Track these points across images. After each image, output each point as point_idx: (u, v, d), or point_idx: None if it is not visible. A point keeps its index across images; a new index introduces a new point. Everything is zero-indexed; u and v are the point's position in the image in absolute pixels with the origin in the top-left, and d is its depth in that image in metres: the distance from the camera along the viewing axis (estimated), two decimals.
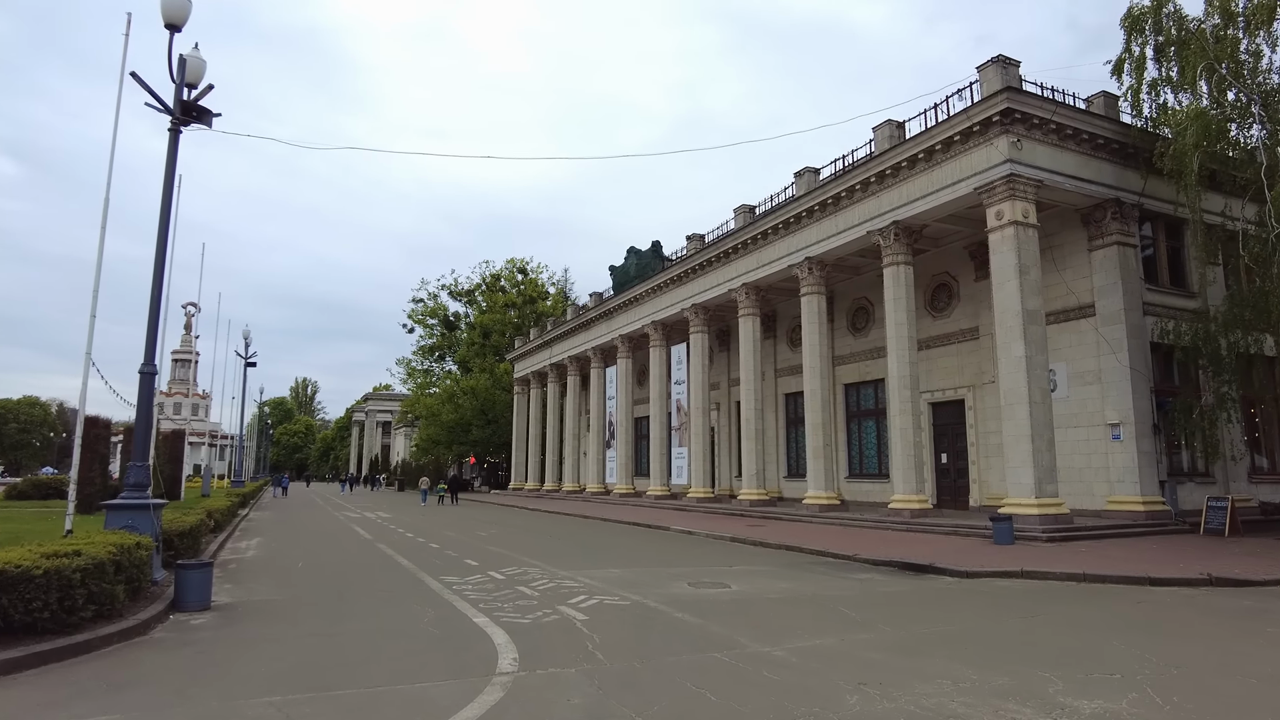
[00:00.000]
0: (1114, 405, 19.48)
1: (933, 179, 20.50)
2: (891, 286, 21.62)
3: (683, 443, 33.00)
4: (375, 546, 17.68)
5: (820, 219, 24.41)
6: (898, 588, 11.50)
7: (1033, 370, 17.81)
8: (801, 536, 18.47)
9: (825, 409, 24.46)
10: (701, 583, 11.69)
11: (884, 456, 27.24)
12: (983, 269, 23.55)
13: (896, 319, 21.39)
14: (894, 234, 21.59)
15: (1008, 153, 18.36)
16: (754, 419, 27.71)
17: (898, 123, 22.20)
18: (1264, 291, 16.37)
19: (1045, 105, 18.54)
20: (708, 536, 19.98)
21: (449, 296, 72.37)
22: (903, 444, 20.90)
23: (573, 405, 45.91)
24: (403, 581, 11.88)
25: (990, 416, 22.98)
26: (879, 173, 21.81)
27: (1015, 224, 18.29)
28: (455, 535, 20.71)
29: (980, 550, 15.39)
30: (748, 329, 28.33)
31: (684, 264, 31.95)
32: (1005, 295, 18.34)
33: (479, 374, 62.83)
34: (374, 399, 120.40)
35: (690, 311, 31.79)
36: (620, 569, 13.35)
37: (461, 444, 65.97)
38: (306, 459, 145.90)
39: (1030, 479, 17.39)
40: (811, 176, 25.36)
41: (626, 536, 20.67)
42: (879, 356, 27.37)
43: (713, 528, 21.53)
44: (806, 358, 24.92)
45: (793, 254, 25.67)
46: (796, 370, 31.31)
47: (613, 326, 39.42)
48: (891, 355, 21.49)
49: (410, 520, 27.75)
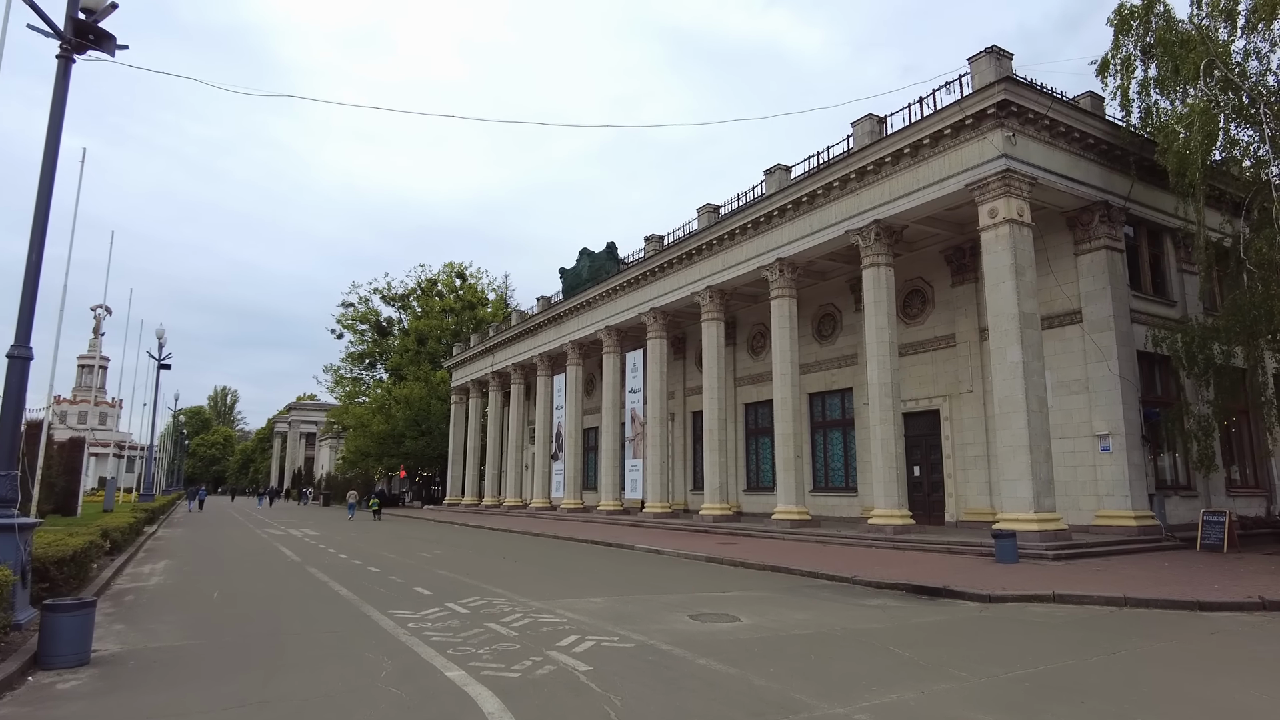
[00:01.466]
0: (1102, 415, 18.64)
1: (918, 175, 19.42)
2: (872, 289, 20.43)
3: (637, 454, 31.26)
4: (306, 571, 15.35)
5: (793, 218, 23.14)
6: (930, 617, 10.00)
7: (1030, 377, 16.76)
8: (783, 555, 16.94)
9: (796, 418, 23.10)
10: (704, 614, 9.96)
11: (851, 469, 26.09)
12: (960, 274, 22.71)
13: (878, 323, 20.19)
14: (875, 233, 20.43)
15: (1002, 147, 17.37)
16: (717, 429, 26.20)
17: (878, 118, 21.13)
18: (1268, 296, 15.67)
19: (1041, 100, 17.66)
20: (679, 556, 18.26)
21: (382, 301, 69.14)
22: (884, 456, 19.63)
23: (516, 415, 43.66)
24: (346, 618, 9.78)
25: (968, 428, 22.01)
26: (859, 169, 20.65)
27: (1011, 222, 17.28)
28: (396, 557, 18.45)
29: (986, 570, 14.11)
30: (711, 334, 26.85)
31: (642, 266, 30.34)
32: (1000, 297, 17.29)
33: (413, 382, 59.76)
34: (298, 408, 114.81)
35: (648, 316, 30.16)
36: (600, 598, 11.50)
37: (393, 456, 62.68)
38: (224, 471, 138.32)
39: (1028, 492, 16.28)
40: (783, 174, 24.12)
41: (589, 557, 18.78)
42: (846, 365, 26.30)
43: (681, 546, 19.82)
44: (777, 364, 23.54)
45: (762, 255, 24.33)
46: (758, 379, 30.07)
47: (562, 332, 37.47)
48: (871, 361, 20.27)
49: (342, 539, 25.19)
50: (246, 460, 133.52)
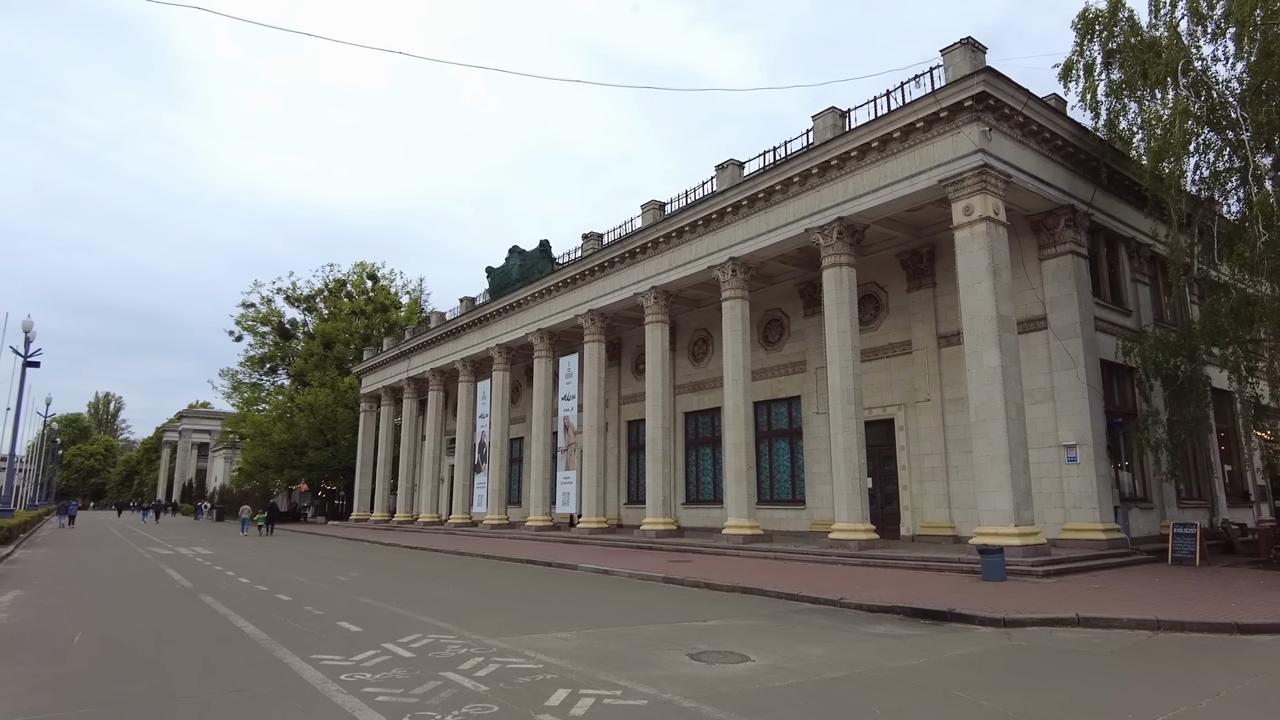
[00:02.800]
0: (1069, 425, 18.03)
1: (886, 171, 18.47)
2: (834, 289, 19.33)
3: (570, 466, 29.34)
4: (199, 601, 12.83)
5: (748, 216, 21.90)
6: (961, 648, 8.63)
7: (1008, 382, 15.90)
8: (748, 575, 15.45)
9: (748, 427, 21.77)
10: (704, 653, 8.29)
11: (799, 481, 24.98)
12: (916, 279, 21.96)
13: (839, 326, 19.09)
14: (838, 232, 19.36)
15: (979, 142, 16.56)
16: (660, 439, 24.62)
17: (840, 111, 20.17)
18: (1245, 302, 15.29)
19: (1018, 95, 16.96)
20: (632, 577, 16.52)
21: (286, 302, 64.54)
22: (846, 466, 18.48)
23: (434, 424, 40.94)
24: (257, 668, 7.61)
25: (925, 438, 21.19)
26: (822, 164, 19.58)
27: (987, 220, 16.46)
28: (308, 581, 16.01)
29: (977, 589, 13.00)
30: (655, 337, 25.31)
31: (579, 265, 28.56)
32: (976, 299, 16.40)
33: (319, 388, 55.70)
34: (190, 416, 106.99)
35: (586, 318, 28.38)
36: (568, 632, 9.67)
37: (295, 468, 58.35)
38: (105, 484, 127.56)
39: (1008, 504, 15.35)
40: (736, 170, 22.89)
41: (533, 580, 16.81)
42: (794, 371, 25.26)
43: (629, 565, 18.09)
44: (729, 369, 22.19)
45: (714, 254, 22.99)
46: (699, 387, 28.75)
47: (488, 335, 35.20)
48: (833, 366, 19.13)
49: (240, 559, 22.27)
50: (131, 472, 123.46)
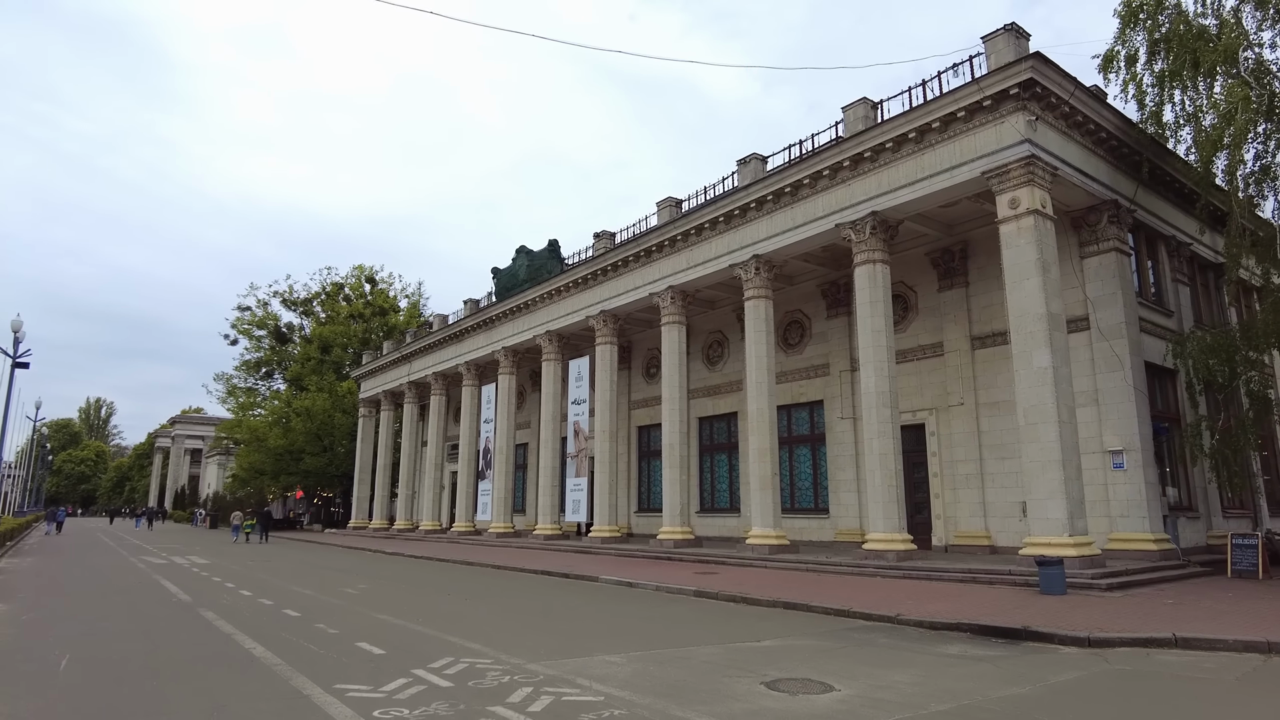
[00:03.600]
0: (1115, 430, 17.15)
1: (923, 164, 17.62)
2: (867, 287, 18.45)
3: (580, 472, 28.35)
4: (199, 617, 11.82)
5: (773, 212, 21.02)
6: (1063, 674, 7.70)
7: (1059, 384, 15.02)
8: (787, 588, 14.50)
9: (773, 432, 20.84)
10: (779, 681, 7.35)
11: (822, 488, 24.06)
12: (948, 278, 21.11)
13: (874, 325, 18.20)
14: (870, 227, 18.49)
15: (1025, 132, 15.72)
16: (678, 444, 23.66)
17: (872, 102, 19.35)
18: None
19: (1065, 84, 16.14)
20: (659, 590, 15.55)
21: (282, 305, 63.35)
22: (882, 473, 17.56)
23: (436, 430, 39.88)
24: (276, 703, 6.63)
25: (958, 443, 20.28)
26: (854, 156, 18.72)
27: (1035, 213, 15.60)
28: (315, 594, 15.00)
29: (1040, 603, 12.07)
30: (672, 338, 24.37)
31: (591, 265, 27.65)
32: (1024, 296, 15.53)
33: (316, 393, 54.52)
34: (183, 422, 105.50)
35: (598, 319, 27.44)
36: (617, 655, 8.71)
37: (291, 474, 57.15)
38: (95, 490, 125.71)
39: (1061, 513, 14.44)
40: (759, 164, 22.02)
41: (554, 593, 15.83)
42: (817, 375, 24.37)
43: (654, 577, 17.12)
44: (752, 372, 21.26)
45: (735, 251, 22.09)
46: (714, 391, 27.84)
47: (494, 337, 34.22)
48: (866, 368, 18.23)
49: (238, 569, 21.21)
50: (122, 478, 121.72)
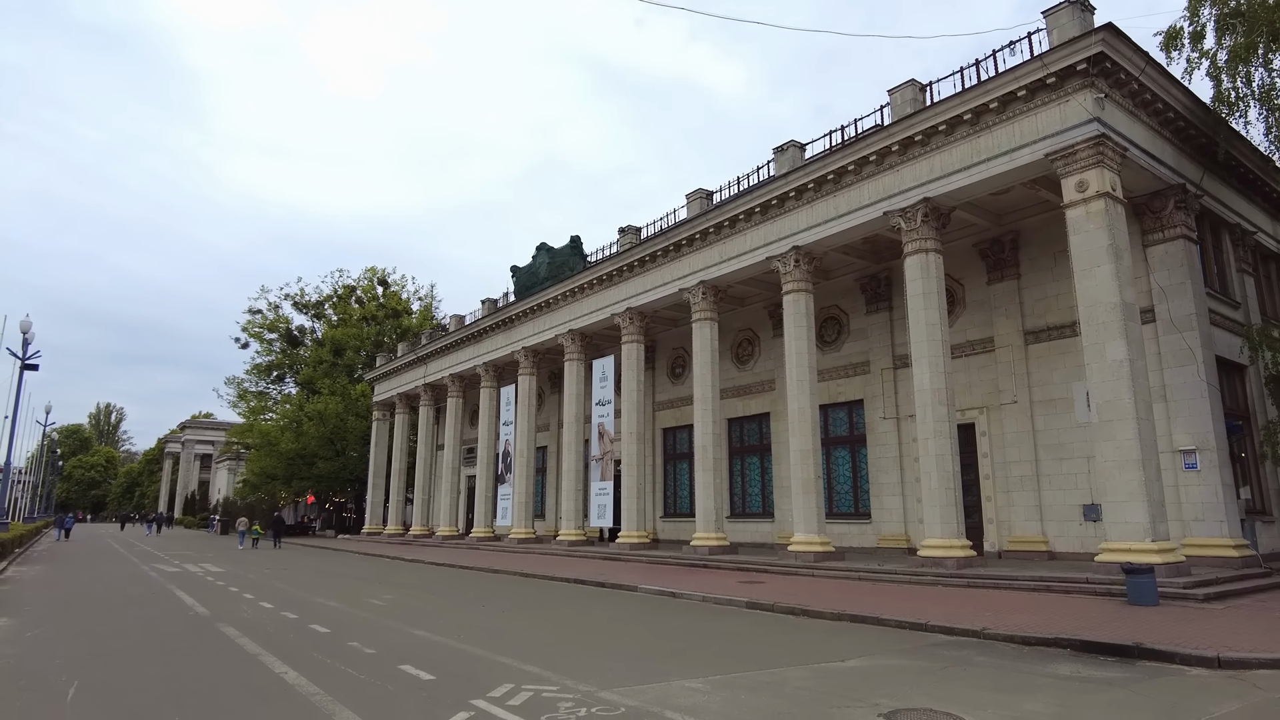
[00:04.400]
0: (1185, 428, 16.10)
1: (978, 147, 16.62)
2: (919, 278, 17.45)
3: (606, 476, 27.37)
4: (219, 633, 10.88)
5: (813, 201, 20.04)
6: (1219, 705, 6.69)
7: (1136, 378, 13.98)
8: (847, 599, 13.49)
9: (815, 432, 19.84)
10: (896, 712, 6.37)
11: (862, 492, 23.05)
12: (998, 270, 20.10)
13: (928, 319, 17.20)
14: (922, 214, 17.50)
15: (1093, 110, 14.70)
16: (711, 446, 22.66)
17: (921, 85, 18.37)
18: None
19: (1136, 59, 15.11)
20: (706, 601, 14.55)
21: (294, 308, 62.55)
22: (939, 475, 16.53)
23: (453, 433, 38.98)
24: None
25: (1012, 444, 19.25)
26: (903, 140, 17.74)
27: (1105, 196, 14.59)
28: (340, 606, 14.06)
29: (1134, 615, 11.05)
30: (704, 336, 23.38)
31: (616, 260, 26.70)
32: (1095, 285, 14.51)
33: (328, 396, 53.67)
34: (193, 427, 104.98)
35: (624, 317, 26.49)
36: (695, 679, 7.73)
37: (303, 479, 56.31)
38: (105, 496, 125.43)
39: (1143, 516, 13.39)
40: (797, 152, 21.05)
41: (594, 604, 14.86)
42: (856, 373, 23.41)
43: (696, 586, 16.13)
44: (793, 370, 20.25)
45: (772, 243, 21.10)
46: (743, 392, 26.83)
47: (513, 338, 33.31)
48: (920, 364, 17.22)
49: (255, 578, 20.31)
50: (132, 484, 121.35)
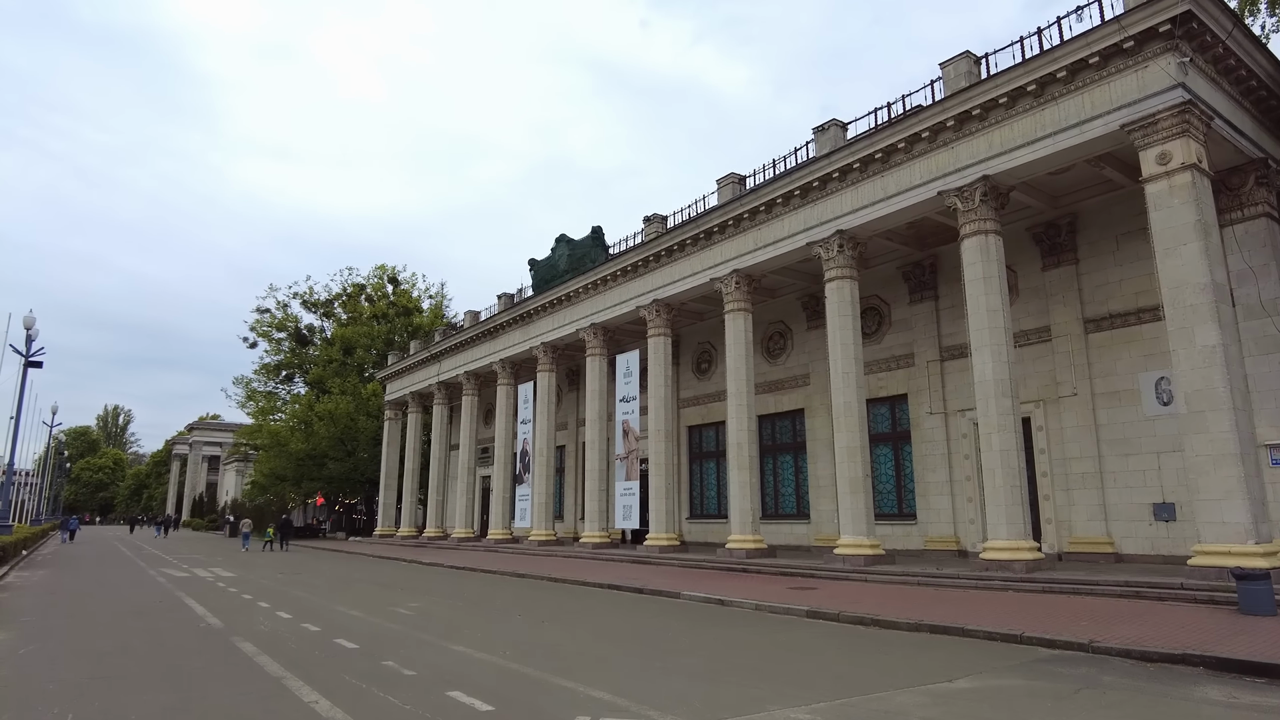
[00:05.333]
0: (1272, 420, 14.90)
1: (1043, 120, 15.46)
2: (979, 262, 16.29)
3: (631, 476, 26.27)
4: (235, 649, 9.78)
5: (859, 182, 18.89)
6: None
7: (1231, 365, 12.80)
8: (915, 607, 12.34)
9: (862, 428, 18.69)
10: None
11: (906, 491, 21.88)
12: (1054, 255, 18.94)
13: (989, 305, 16.04)
14: (981, 193, 16.36)
15: (1176, 75, 13.53)
16: (746, 444, 21.50)
17: (976, 56, 17.22)
18: None
19: (1224, 19, 13.93)
20: (760, 609, 13.41)
21: (303, 307, 61.64)
22: (1004, 472, 15.37)
23: (468, 432, 37.92)
24: None
25: (1071, 439, 18.07)
26: (959, 115, 16.58)
27: (1192, 169, 13.41)
28: (364, 616, 12.97)
29: (1256, 626, 9.87)
30: (738, 328, 22.23)
31: (642, 250, 25.58)
32: (1181, 265, 13.33)
33: (339, 396, 52.66)
34: (201, 429, 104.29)
35: (650, 310, 25.36)
36: (798, 708, 6.59)
37: (313, 480, 55.30)
38: (113, 498, 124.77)
39: (1243, 516, 12.22)
40: (838, 132, 19.90)
41: (639, 613, 13.74)
42: (898, 366, 22.34)
43: (744, 593, 14.99)
44: (838, 361, 19.11)
45: (813, 228, 19.95)
46: (775, 387, 25.69)
47: (531, 333, 32.22)
48: (981, 354, 16.05)
49: (269, 584, 19.25)
50: (140, 486, 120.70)
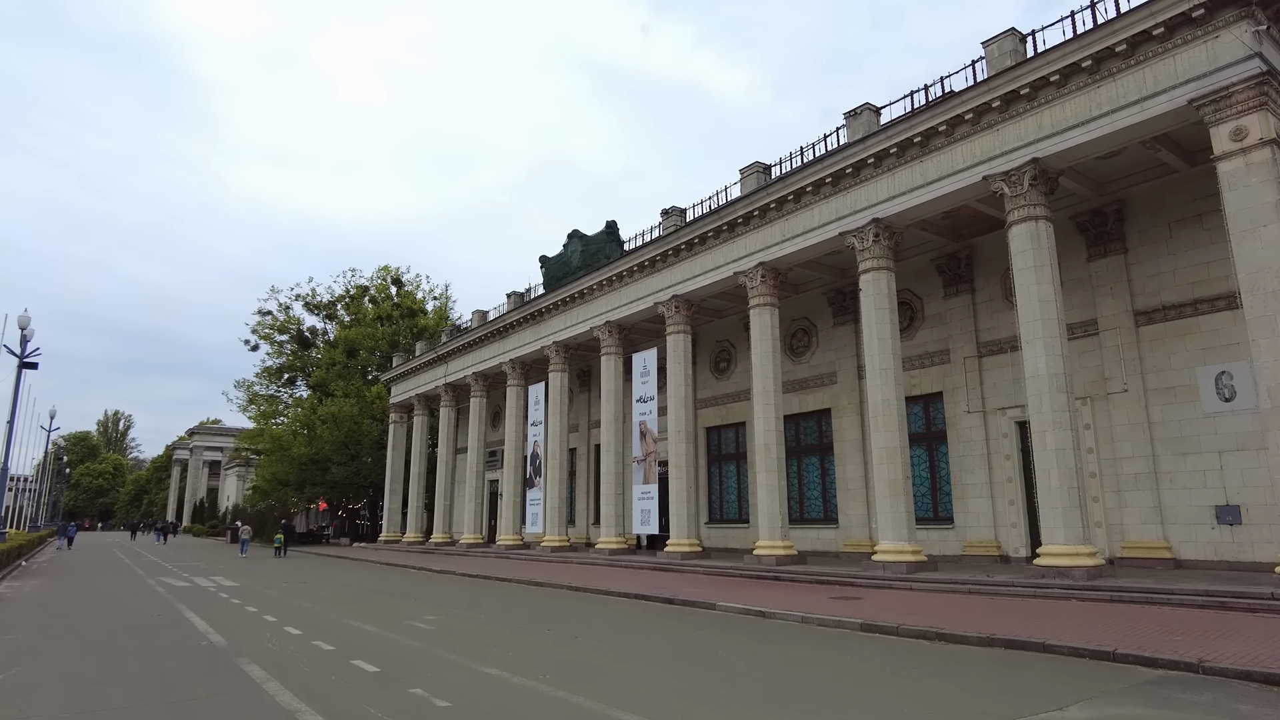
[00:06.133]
0: None
1: (1098, 99, 14.49)
2: (1029, 250, 15.31)
3: (649, 479, 25.26)
4: (242, 674, 8.77)
5: (896, 168, 17.92)
6: None
7: None
8: (978, 619, 11.32)
9: (902, 427, 17.70)
10: None
11: (941, 494, 20.89)
12: (1100, 245, 17.98)
13: (1040, 295, 15.06)
14: (1030, 177, 15.39)
15: (1251, 44, 12.58)
16: (774, 444, 20.50)
17: (1021, 34, 16.26)
18: None
19: None
20: (805, 622, 12.41)
21: (305, 309, 60.65)
22: (1060, 473, 14.39)
23: (477, 435, 36.95)
24: None
25: (1123, 437, 17.10)
26: (1005, 95, 15.62)
27: (1272, 144, 12.44)
28: (379, 631, 11.97)
29: None
30: (764, 324, 21.24)
31: (660, 245, 24.60)
32: (1261, 249, 12.34)
33: (343, 399, 51.64)
34: (201, 433, 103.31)
35: (669, 306, 24.39)
36: None
37: (316, 485, 54.30)
38: (113, 504, 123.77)
39: None
40: (871, 117, 18.95)
41: (676, 626, 12.72)
42: (930, 364, 21.36)
43: (784, 604, 13.99)
44: (875, 358, 18.10)
45: (845, 217, 18.97)
46: (799, 386, 24.70)
47: (542, 333, 31.25)
48: (1033, 347, 15.05)
49: (274, 594, 18.26)
50: (140, 491, 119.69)
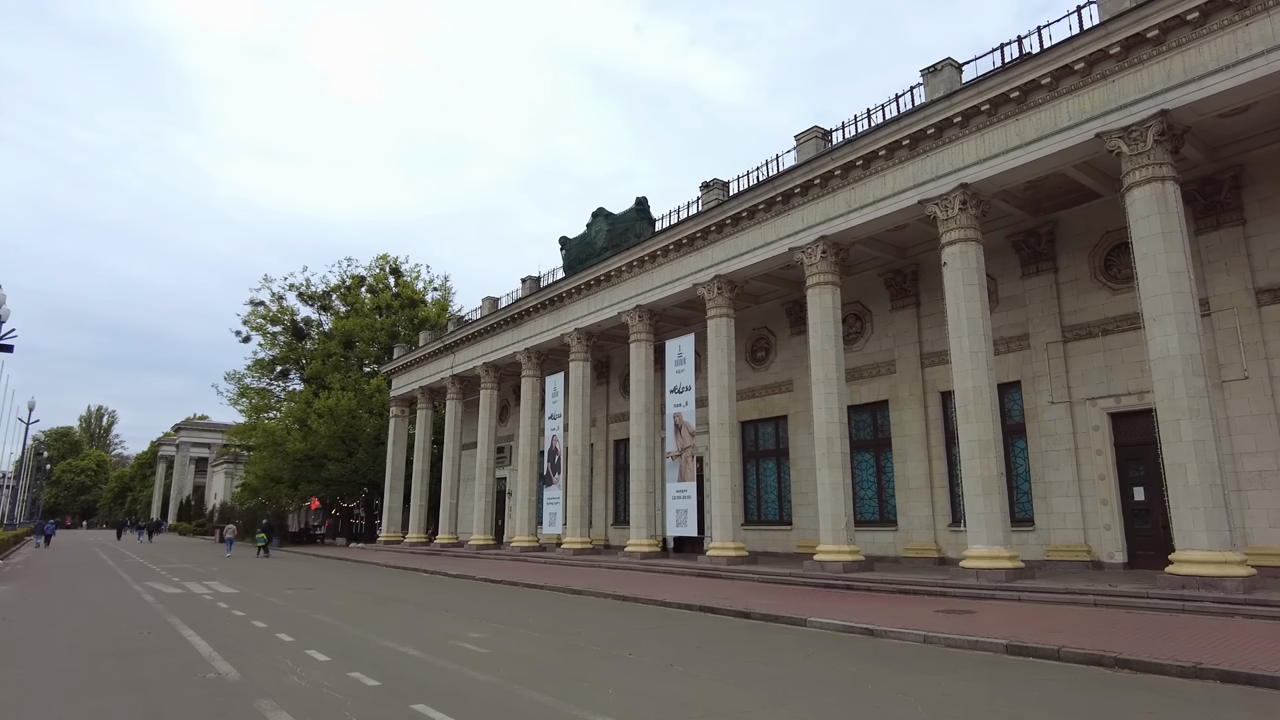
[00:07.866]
0: None
1: (1246, 38, 12.62)
2: (1158, 215, 13.32)
3: (686, 476, 23.26)
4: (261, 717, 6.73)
5: (985, 129, 15.93)
6: None
7: None
8: (1149, 640, 9.37)
9: (994, 418, 15.76)
10: None
11: (1020, 493, 18.97)
12: (1209, 216, 16.72)
13: (1170, 265, 13.11)
14: (1155, 134, 13.47)
15: None
16: (837, 437, 18.51)
17: None
18: None
19: None
20: (929, 642, 10.44)
21: (299, 299, 58.28)
22: (1199, 467, 12.44)
23: (486, 430, 34.81)
24: None
25: (1244, 430, 15.37)
26: (1125, 40, 13.70)
27: None
28: (425, 656, 9.90)
29: None
30: (825, 304, 19.21)
31: (701, 220, 22.56)
32: None
33: (340, 392, 49.33)
34: (188, 429, 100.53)
35: (709, 288, 22.36)
36: None
37: (311, 482, 51.93)
38: (96, 501, 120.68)
39: None
40: (953, 73, 16.99)
41: (779, 650, 10.70)
42: (1007, 350, 19.56)
43: (889, 619, 12.02)
44: (962, 339, 16.11)
45: (925, 184, 16.98)
46: (855, 376, 22.57)
47: (562, 319, 29.19)
48: (1162, 325, 13.11)
49: (281, 604, 16.14)
50: (124, 489, 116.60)
